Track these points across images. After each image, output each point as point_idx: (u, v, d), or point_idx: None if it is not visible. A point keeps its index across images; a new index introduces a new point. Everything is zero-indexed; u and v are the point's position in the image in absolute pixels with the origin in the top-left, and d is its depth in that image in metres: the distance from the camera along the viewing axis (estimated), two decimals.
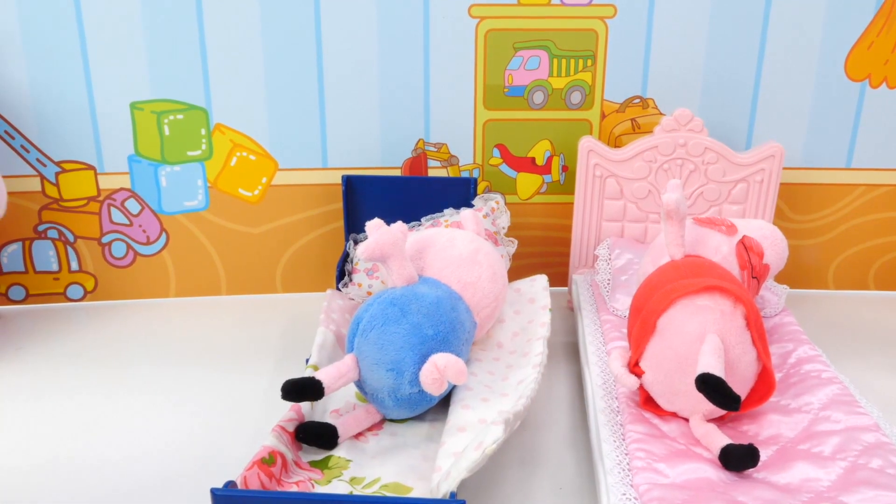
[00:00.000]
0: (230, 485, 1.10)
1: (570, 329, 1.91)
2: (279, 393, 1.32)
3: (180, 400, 1.59)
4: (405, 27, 1.89)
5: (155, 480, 1.35)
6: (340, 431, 1.35)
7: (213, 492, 1.07)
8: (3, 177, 1.89)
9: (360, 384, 1.40)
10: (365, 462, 1.32)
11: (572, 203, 1.99)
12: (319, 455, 1.32)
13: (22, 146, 1.91)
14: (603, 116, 1.99)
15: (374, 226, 1.47)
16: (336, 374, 1.34)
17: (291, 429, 1.32)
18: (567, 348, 1.82)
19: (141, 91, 1.90)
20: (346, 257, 1.90)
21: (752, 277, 1.51)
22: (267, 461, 1.20)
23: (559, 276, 2.09)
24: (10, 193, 1.93)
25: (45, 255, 2.03)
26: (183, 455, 1.42)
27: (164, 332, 1.91)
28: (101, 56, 1.86)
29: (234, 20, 1.86)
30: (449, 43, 1.91)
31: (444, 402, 1.45)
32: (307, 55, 1.90)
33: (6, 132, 1.90)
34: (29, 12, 1.81)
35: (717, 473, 1.18)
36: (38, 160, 1.93)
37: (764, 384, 1.31)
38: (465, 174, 2.03)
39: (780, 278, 1.94)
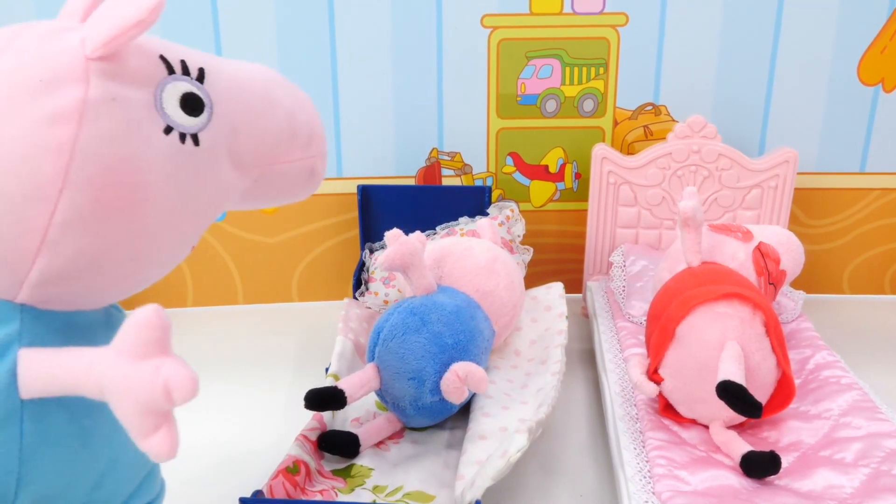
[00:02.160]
0: (258, 494, 1.11)
1: (585, 336, 1.92)
2: (299, 402, 1.33)
3: (201, 409, 1.60)
4: (419, 37, 1.91)
5: (180, 489, 1.36)
6: (362, 440, 1.36)
7: (242, 501, 1.08)
8: None
9: (381, 393, 1.41)
10: (387, 470, 1.32)
11: (586, 210, 2.00)
12: (342, 464, 1.33)
13: None
14: (615, 124, 2.00)
15: (394, 236, 1.47)
16: (358, 384, 1.35)
17: (314, 438, 1.33)
18: (582, 355, 1.83)
19: None
20: (362, 266, 1.91)
21: (769, 284, 1.51)
22: (291, 470, 1.21)
23: (573, 283, 2.09)
24: None
25: None
26: (206, 464, 1.43)
27: (182, 341, 1.92)
28: None
29: (249, 32, 1.87)
30: (462, 53, 1.92)
31: (464, 410, 1.46)
32: (321, 66, 1.91)
33: None
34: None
35: (738, 480, 1.18)
36: None
37: (783, 391, 1.31)
38: (478, 182, 2.04)
39: (795, 283, 1.94)
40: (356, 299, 1.86)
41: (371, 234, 1.96)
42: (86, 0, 0.80)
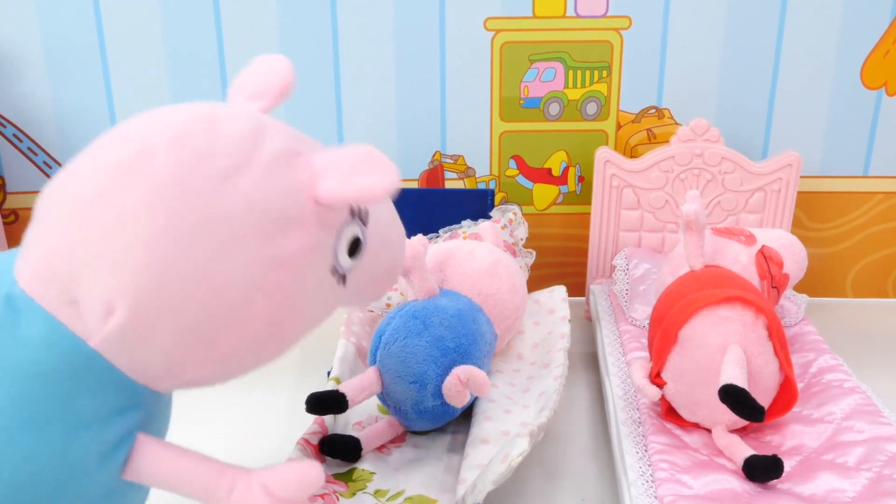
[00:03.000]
0: None
1: (587, 339, 1.92)
2: (301, 405, 1.33)
3: (203, 413, 1.60)
4: (422, 40, 1.91)
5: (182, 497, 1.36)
6: (363, 444, 1.35)
7: None
8: (26, 192, 1.91)
9: (382, 397, 1.41)
10: (389, 474, 1.32)
11: (589, 213, 2.00)
12: (343, 468, 1.33)
13: (45, 162, 1.93)
14: (619, 127, 1.99)
15: None
16: (359, 387, 1.35)
17: (315, 442, 1.33)
18: (585, 358, 1.83)
19: None
20: None
21: (772, 287, 1.51)
22: None
23: (576, 287, 2.09)
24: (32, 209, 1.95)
25: None
26: None
27: None
28: (122, 74, 1.88)
29: (252, 38, 1.88)
30: (465, 56, 1.92)
31: (466, 414, 1.46)
32: (324, 70, 1.91)
33: (29, 149, 1.91)
34: (51, 30, 1.83)
35: (741, 484, 1.18)
36: None
37: (786, 395, 1.31)
38: (481, 185, 2.04)
39: (798, 287, 1.94)
40: None
41: None
42: (273, 85, 0.84)
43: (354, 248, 0.80)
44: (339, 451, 1.33)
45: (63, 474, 0.69)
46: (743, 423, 1.30)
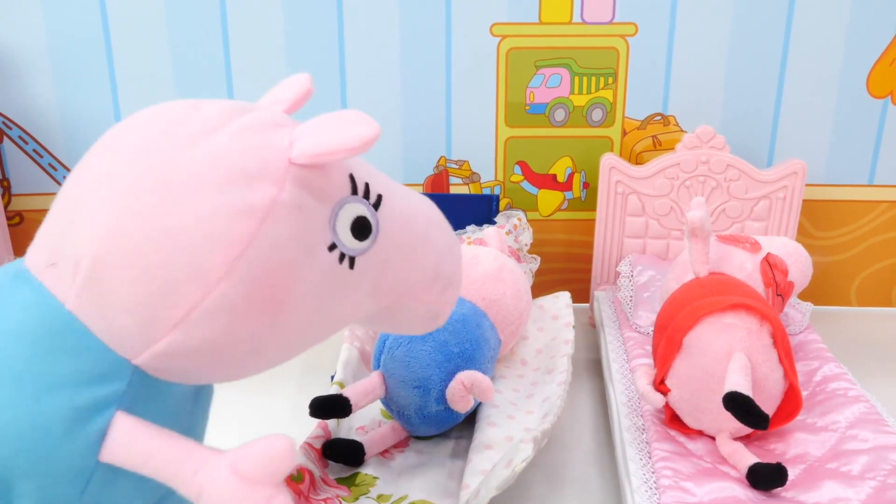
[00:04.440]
0: None
1: (591, 345, 1.91)
2: (304, 409, 1.33)
3: None
4: (427, 45, 1.91)
5: None
6: (367, 448, 1.35)
7: None
8: (32, 195, 1.92)
9: (386, 401, 1.41)
10: (392, 479, 1.32)
11: (594, 220, 2.00)
12: (346, 472, 1.33)
13: (50, 164, 1.94)
14: (624, 133, 2.00)
15: None
16: (363, 392, 1.35)
17: (319, 446, 1.33)
18: (589, 365, 1.82)
19: None
20: None
21: (777, 295, 1.51)
22: (295, 478, 1.20)
23: (580, 293, 2.09)
24: (37, 211, 1.96)
25: None
26: None
27: None
28: (128, 76, 1.89)
29: (258, 42, 1.88)
30: (471, 61, 1.93)
31: (469, 420, 1.45)
32: (330, 74, 1.92)
33: (35, 151, 1.92)
34: (57, 32, 1.84)
35: (745, 492, 1.18)
36: (65, 178, 1.95)
37: (790, 402, 1.31)
38: (486, 191, 2.04)
39: (803, 295, 1.94)
40: None
41: None
42: (294, 92, 0.84)
43: (361, 229, 0.79)
44: (342, 455, 1.33)
45: (30, 435, 0.69)
46: (747, 430, 1.30)
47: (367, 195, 0.80)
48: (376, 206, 0.80)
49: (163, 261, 0.68)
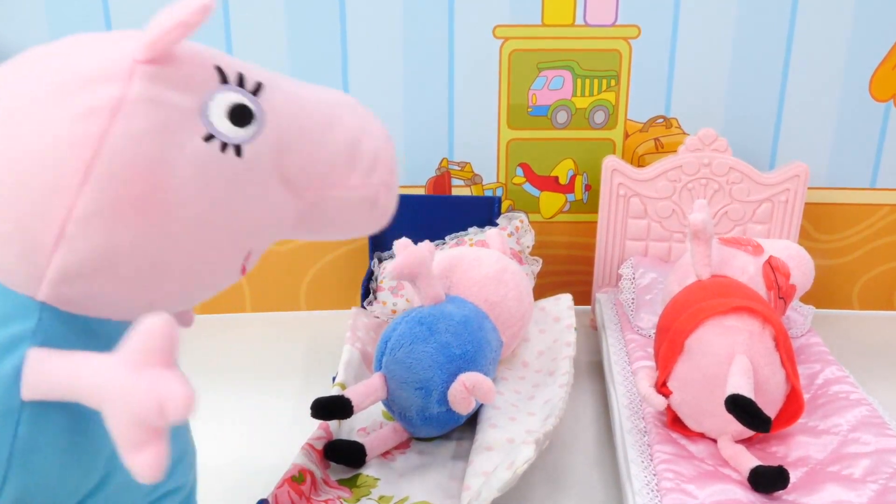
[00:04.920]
0: (263, 503, 1.11)
1: (593, 348, 1.91)
2: (307, 410, 1.33)
3: (208, 417, 1.60)
4: (430, 48, 1.91)
5: None
6: (368, 450, 1.35)
7: None
8: None
9: (387, 403, 1.41)
10: (393, 480, 1.32)
11: (595, 222, 2.00)
12: (348, 473, 1.33)
13: None
14: (626, 136, 1.99)
15: (402, 245, 1.48)
16: (364, 393, 1.35)
17: (320, 447, 1.33)
18: (591, 367, 1.82)
19: None
20: (370, 275, 1.91)
21: (779, 298, 1.51)
22: (297, 479, 1.20)
23: (582, 295, 2.09)
24: None
25: None
26: (211, 472, 1.42)
27: (188, 349, 1.92)
28: None
29: (261, 44, 1.88)
30: (474, 63, 1.93)
31: (471, 422, 1.45)
32: (332, 75, 1.92)
33: None
34: (59, 33, 1.84)
35: (746, 495, 1.18)
36: None
37: (792, 405, 1.31)
38: (488, 193, 2.04)
39: (804, 298, 1.94)
40: (364, 308, 1.86)
41: (380, 243, 1.96)
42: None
43: (240, 116, 0.77)
44: (343, 456, 1.33)
45: None
46: (749, 433, 1.30)
47: (241, 84, 0.79)
48: (255, 92, 0.79)
49: (20, 182, 0.68)
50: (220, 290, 0.83)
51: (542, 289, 2.04)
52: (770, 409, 1.28)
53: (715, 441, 1.33)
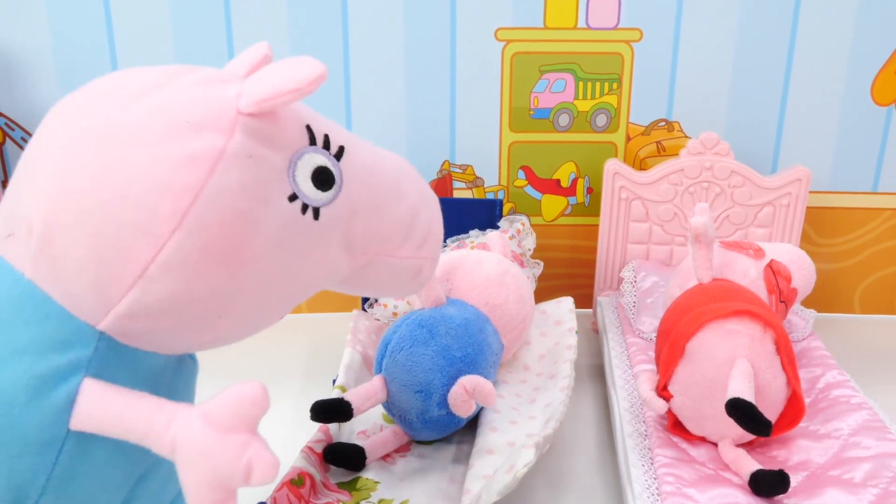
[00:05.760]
0: None
1: (594, 351, 1.91)
2: (306, 413, 1.33)
3: None
4: (432, 50, 1.91)
5: None
6: (368, 453, 1.35)
7: None
8: None
9: (387, 406, 1.41)
10: (393, 484, 1.32)
11: (597, 225, 1.99)
12: (347, 477, 1.33)
13: None
14: (628, 139, 1.99)
15: None
16: (365, 396, 1.35)
17: (320, 450, 1.33)
18: (592, 370, 1.82)
19: None
20: None
21: (781, 302, 1.51)
22: (296, 482, 1.20)
23: (583, 298, 2.08)
24: None
25: None
26: None
27: None
28: None
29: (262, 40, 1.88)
30: (475, 65, 1.92)
31: (471, 425, 1.45)
32: (334, 77, 1.92)
33: None
34: (61, 34, 1.84)
35: (746, 499, 1.17)
36: None
37: (793, 409, 1.31)
38: (490, 196, 2.04)
39: (806, 302, 1.93)
40: (365, 311, 1.86)
41: None
42: (251, 60, 0.83)
43: (323, 179, 0.79)
44: (343, 459, 1.33)
45: None
46: (749, 437, 1.30)
47: (327, 146, 0.80)
48: (338, 156, 0.81)
49: (110, 217, 0.68)
50: (258, 332, 0.86)
51: (544, 292, 2.04)
52: (771, 412, 1.28)
53: (716, 445, 1.32)
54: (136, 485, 0.79)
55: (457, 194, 2.04)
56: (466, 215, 1.95)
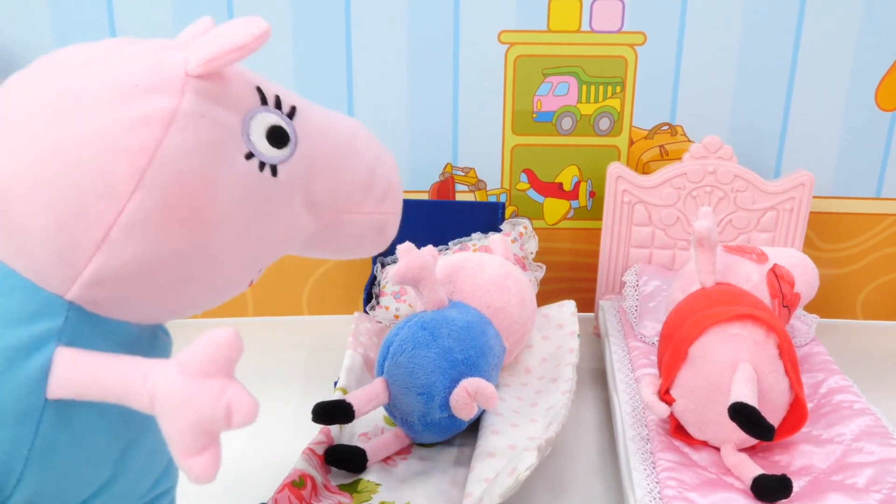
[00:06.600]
0: None
1: (596, 355, 1.91)
2: (307, 415, 1.33)
3: None
4: (435, 52, 1.91)
5: (184, 502, 1.35)
6: (369, 455, 1.35)
7: None
8: None
9: (389, 408, 1.40)
10: (394, 486, 1.31)
11: (599, 229, 1.99)
12: (348, 479, 1.33)
13: None
14: (631, 143, 1.99)
15: (405, 249, 1.47)
16: (366, 398, 1.35)
17: (321, 452, 1.32)
18: (593, 374, 1.82)
19: None
20: (373, 280, 1.91)
21: (783, 306, 1.51)
22: (297, 484, 1.20)
23: (586, 302, 2.08)
24: None
25: None
26: None
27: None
28: None
29: (265, 49, 1.87)
30: (478, 68, 1.92)
31: (473, 427, 1.45)
32: (337, 79, 1.92)
33: None
34: (63, 33, 1.84)
35: None
36: None
37: (796, 414, 1.30)
38: (492, 199, 2.04)
39: (809, 307, 1.93)
40: (366, 313, 1.86)
41: None
42: (196, 32, 0.83)
43: (278, 137, 0.80)
44: (344, 461, 1.33)
45: None
46: (752, 441, 1.30)
47: (278, 106, 0.82)
48: (290, 116, 0.83)
49: (68, 183, 0.69)
50: (228, 299, 0.87)
51: (546, 295, 2.03)
52: (773, 417, 1.28)
53: (718, 449, 1.32)
54: (121, 456, 0.79)
55: (459, 197, 2.03)
56: (469, 218, 1.95)
